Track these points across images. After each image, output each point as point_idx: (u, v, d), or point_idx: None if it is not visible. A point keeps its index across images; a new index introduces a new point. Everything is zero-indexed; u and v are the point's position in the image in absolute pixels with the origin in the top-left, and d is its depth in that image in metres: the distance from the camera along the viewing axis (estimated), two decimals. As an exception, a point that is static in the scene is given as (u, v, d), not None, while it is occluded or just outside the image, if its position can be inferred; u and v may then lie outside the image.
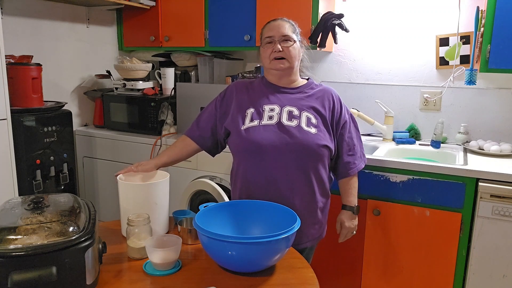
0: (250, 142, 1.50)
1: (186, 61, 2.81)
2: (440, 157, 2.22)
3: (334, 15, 2.25)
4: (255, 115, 1.54)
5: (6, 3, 2.29)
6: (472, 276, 1.88)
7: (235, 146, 1.57)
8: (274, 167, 1.50)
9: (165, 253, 1.17)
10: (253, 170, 1.53)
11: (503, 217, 1.78)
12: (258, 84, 1.64)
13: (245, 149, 1.53)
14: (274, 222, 1.29)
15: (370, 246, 2.06)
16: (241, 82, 1.68)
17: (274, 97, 1.57)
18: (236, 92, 1.62)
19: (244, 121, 1.54)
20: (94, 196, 2.79)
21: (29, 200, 1.13)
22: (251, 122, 1.53)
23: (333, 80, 2.65)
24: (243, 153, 1.55)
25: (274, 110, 1.54)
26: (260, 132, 1.50)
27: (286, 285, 1.13)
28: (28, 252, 0.93)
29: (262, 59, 1.58)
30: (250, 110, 1.55)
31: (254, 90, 1.61)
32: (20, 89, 2.14)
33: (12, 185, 1.93)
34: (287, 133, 1.49)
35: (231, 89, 1.65)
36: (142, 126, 2.62)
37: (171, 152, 1.65)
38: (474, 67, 2.18)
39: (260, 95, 1.59)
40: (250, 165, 1.54)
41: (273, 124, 1.51)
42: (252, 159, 1.52)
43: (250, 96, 1.59)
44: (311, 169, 1.53)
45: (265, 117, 1.53)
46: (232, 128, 1.56)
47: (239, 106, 1.58)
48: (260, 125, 1.52)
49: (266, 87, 1.61)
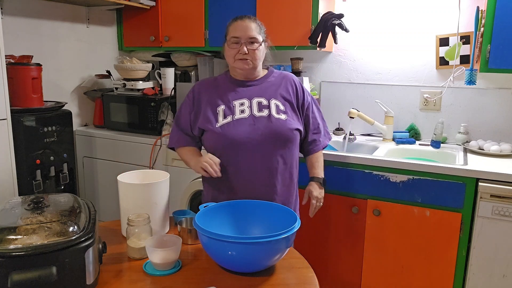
0: (226, 138, 1.54)
1: (186, 61, 2.81)
2: (440, 157, 2.22)
3: (334, 15, 2.25)
4: (227, 111, 1.58)
5: (6, 3, 2.29)
6: (472, 276, 1.88)
7: (211, 144, 1.59)
8: (253, 158, 1.55)
9: (165, 253, 1.17)
10: (233, 165, 1.56)
11: (503, 217, 1.78)
12: (223, 80, 1.67)
13: (222, 146, 1.55)
14: (274, 222, 1.29)
15: (370, 246, 2.06)
16: (205, 81, 1.70)
17: (241, 91, 1.62)
18: (203, 91, 1.64)
19: (217, 118, 1.57)
20: (94, 196, 2.79)
21: (29, 200, 1.13)
22: (224, 119, 1.56)
23: (333, 80, 2.65)
24: (221, 150, 1.56)
25: (244, 104, 1.59)
26: (235, 127, 1.54)
27: (286, 285, 1.13)
28: (28, 252, 0.93)
29: (227, 57, 1.61)
30: (220, 107, 1.59)
31: (221, 87, 1.64)
32: (20, 89, 2.14)
33: (12, 185, 1.93)
34: (261, 124, 1.55)
35: (197, 90, 1.66)
36: (142, 126, 2.62)
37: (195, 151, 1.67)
38: (474, 67, 2.18)
39: (227, 91, 1.62)
40: (230, 160, 1.56)
41: (246, 117, 1.56)
42: (231, 155, 1.55)
43: (218, 93, 1.62)
44: (287, 153, 1.60)
45: (236, 111, 1.57)
46: (206, 127, 1.58)
47: (209, 104, 1.61)
48: (233, 120, 1.56)
49: (232, 82, 1.65)
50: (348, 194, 2.06)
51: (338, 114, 2.62)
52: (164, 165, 2.48)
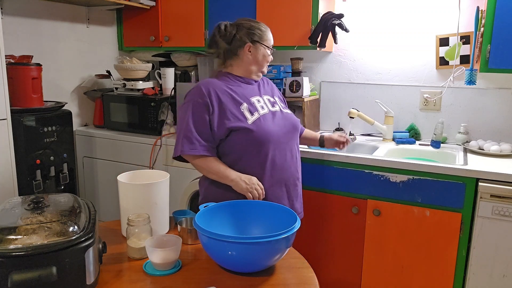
0: (261, 134, 1.57)
1: (186, 61, 2.81)
2: (440, 157, 2.22)
3: (334, 15, 2.25)
4: (251, 108, 1.60)
5: (6, 3, 2.29)
6: (472, 276, 1.88)
7: (243, 142, 1.56)
8: (284, 151, 1.64)
9: (165, 253, 1.17)
10: (265, 161, 1.59)
11: (503, 217, 1.78)
12: (230, 80, 1.66)
13: (257, 142, 1.57)
14: (274, 222, 1.29)
15: (370, 246, 2.06)
16: (212, 82, 1.63)
17: (251, 89, 1.67)
18: (219, 92, 1.59)
19: (245, 116, 1.58)
20: (94, 196, 2.79)
21: (29, 200, 1.13)
22: (252, 116, 1.59)
23: (333, 80, 2.65)
24: (253, 147, 1.57)
25: (260, 101, 1.65)
26: (265, 122, 1.60)
27: (286, 285, 1.13)
28: (28, 252, 0.93)
29: (255, 59, 1.66)
30: (244, 105, 1.60)
31: (233, 86, 1.64)
32: (20, 89, 2.14)
33: (12, 185, 1.93)
34: (279, 118, 1.65)
35: (212, 92, 1.58)
36: (142, 126, 2.62)
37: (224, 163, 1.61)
38: (474, 67, 2.18)
39: (240, 89, 1.64)
40: (262, 156, 1.58)
41: (267, 113, 1.63)
42: (264, 150, 1.58)
43: (234, 92, 1.62)
44: (298, 143, 1.76)
45: (258, 108, 1.62)
46: (238, 126, 1.55)
47: (231, 103, 1.58)
48: (260, 116, 1.60)
49: (239, 81, 1.67)
50: (348, 194, 2.06)
51: (338, 114, 2.63)
52: (164, 165, 2.48)
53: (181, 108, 1.62)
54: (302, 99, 2.41)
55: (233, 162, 1.59)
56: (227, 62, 1.68)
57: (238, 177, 1.54)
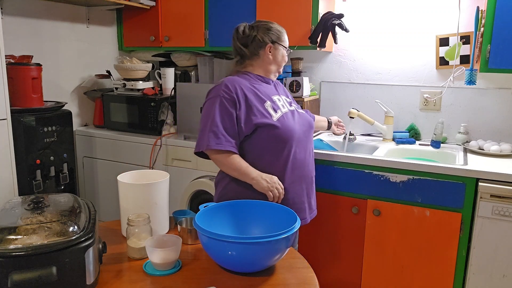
0: (286, 131, 1.61)
1: (186, 61, 2.81)
2: (440, 157, 2.22)
3: (334, 15, 2.25)
4: (274, 106, 1.65)
5: (6, 3, 2.29)
6: (472, 276, 1.88)
7: (268, 138, 1.59)
8: (305, 149, 1.70)
9: (165, 253, 1.17)
10: (287, 159, 1.63)
11: (503, 217, 1.78)
12: (251, 79, 1.69)
13: (282, 139, 1.60)
14: (274, 222, 1.29)
15: (370, 246, 2.06)
16: (236, 79, 1.64)
17: (270, 88, 1.72)
18: (244, 89, 1.62)
19: (270, 113, 1.61)
20: (94, 196, 2.79)
21: (29, 200, 1.13)
22: (276, 113, 1.63)
23: (333, 80, 2.65)
24: (277, 144, 1.60)
25: (280, 100, 1.70)
26: (288, 120, 1.64)
27: (286, 285, 1.13)
28: (28, 252, 0.93)
29: (275, 59, 1.71)
30: (267, 103, 1.64)
31: (255, 84, 1.67)
32: (20, 89, 2.14)
33: (12, 185, 1.93)
34: (297, 117, 1.70)
35: (238, 88, 1.60)
36: (142, 126, 2.62)
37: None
38: (474, 67, 2.18)
39: (262, 88, 1.68)
40: (284, 153, 1.62)
41: (287, 111, 1.68)
42: (287, 148, 1.62)
43: (258, 90, 1.65)
44: (312, 141, 1.81)
45: (280, 106, 1.67)
46: (265, 122, 1.58)
47: (256, 100, 1.62)
48: (283, 114, 1.65)
49: (260, 80, 1.71)
50: (348, 194, 2.06)
51: (338, 114, 2.62)
52: (164, 165, 2.48)
53: (207, 104, 1.62)
54: (302, 99, 2.41)
55: (255, 159, 1.61)
56: (246, 62, 1.72)
57: (259, 176, 1.57)
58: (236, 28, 1.72)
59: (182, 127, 2.48)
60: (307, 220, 1.73)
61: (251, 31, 1.69)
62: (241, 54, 1.71)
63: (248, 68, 1.72)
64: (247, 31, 1.69)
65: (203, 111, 1.63)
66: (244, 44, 1.69)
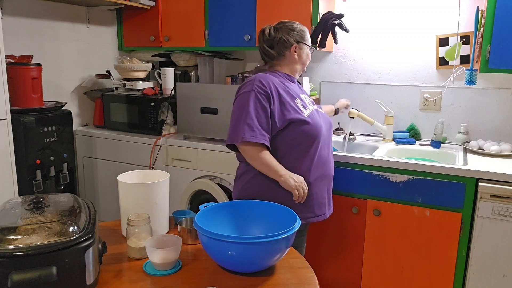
0: (316, 128, 1.66)
1: (186, 61, 2.81)
2: (440, 157, 2.22)
3: (334, 15, 2.25)
4: (303, 104, 1.71)
5: (6, 3, 2.29)
6: (472, 276, 1.88)
7: (299, 134, 1.63)
8: (328, 148, 1.77)
9: (165, 253, 1.17)
10: (313, 157, 1.68)
11: (503, 217, 1.78)
12: (280, 77, 1.74)
13: (311, 135, 1.65)
14: (274, 222, 1.29)
15: (370, 246, 2.06)
16: (270, 76, 1.69)
17: (295, 87, 1.77)
18: (277, 85, 1.67)
19: (301, 110, 1.66)
20: (94, 196, 2.79)
21: (29, 200, 1.13)
22: (306, 110, 1.69)
23: (333, 80, 2.65)
24: (306, 141, 1.65)
25: (306, 99, 1.77)
26: (316, 118, 1.70)
27: (286, 285, 1.13)
28: (28, 252, 0.93)
29: (303, 58, 1.78)
30: (297, 100, 1.69)
31: (284, 82, 1.72)
32: (20, 89, 2.14)
33: (12, 185, 1.93)
34: (320, 116, 1.75)
35: (272, 84, 1.65)
36: (142, 126, 2.62)
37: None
38: (474, 67, 2.18)
39: (290, 86, 1.73)
40: (313, 151, 1.66)
41: (313, 110, 1.73)
42: (314, 146, 1.67)
43: (288, 88, 1.70)
44: None
45: (307, 104, 1.73)
46: (297, 118, 1.63)
47: (288, 97, 1.67)
48: (312, 112, 1.71)
49: (288, 79, 1.76)
50: (348, 194, 2.06)
51: (338, 114, 2.62)
52: (164, 165, 2.48)
53: (240, 98, 1.65)
54: (302, 99, 2.41)
55: (285, 154, 1.65)
56: (273, 63, 1.77)
57: (287, 174, 1.61)
58: (261, 31, 1.76)
59: (182, 127, 2.48)
60: (326, 215, 1.78)
61: (276, 33, 1.73)
62: (268, 55, 1.76)
63: (275, 68, 1.78)
64: (272, 33, 1.74)
65: (235, 105, 1.67)
66: (270, 46, 1.74)
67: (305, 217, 1.69)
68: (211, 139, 2.42)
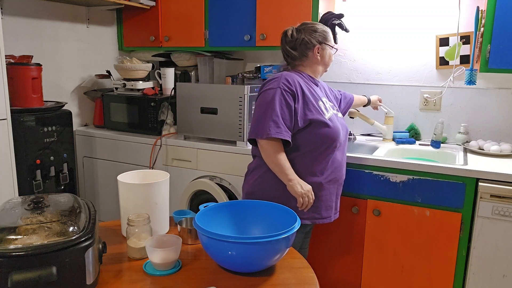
0: (335, 131, 1.66)
1: (186, 61, 2.81)
2: (440, 157, 2.22)
3: (334, 15, 2.25)
4: (325, 106, 1.72)
5: (6, 3, 2.29)
6: (472, 276, 1.88)
7: (318, 135, 1.64)
8: (343, 152, 1.79)
9: (165, 253, 1.17)
10: (329, 160, 1.69)
11: (503, 217, 1.78)
12: (304, 77, 1.74)
13: (330, 138, 1.65)
14: (274, 222, 1.29)
15: (370, 246, 2.06)
16: (295, 75, 1.70)
17: (318, 90, 1.77)
18: (302, 85, 1.68)
19: (323, 112, 1.67)
20: (94, 196, 2.79)
21: (29, 200, 1.13)
22: (327, 113, 1.70)
23: (333, 80, 2.65)
24: (324, 143, 1.65)
25: (327, 102, 1.77)
26: (335, 121, 1.71)
27: (286, 285, 1.13)
28: (28, 252, 0.93)
29: (325, 59, 1.79)
30: (319, 102, 1.71)
31: (308, 84, 1.72)
32: (20, 89, 2.15)
33: (12, 185, 1.93)
34: (339, 121, 1.76)
35: (297, 83, 1.67)
36: (142, 126, 2.62)
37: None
38: (474, 67, 2.18)
39: (313, 87, 1.74)
40: (330, 154, 1.68)
41: (333, 114, 1.74)
42: (331, 149, 1.68)
43: (312, 89, 1.71)
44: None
45: (328, 107, 1.74)
46: (319, 119, 1.64)
47: (311, 98, 1.68)
48: (332, 115, 1.72)
49: (311, 81, 1.77)
50: (348, 194, 2.06)
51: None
52: (164, 165, 2.48)
53: (265, 94, 1.66)
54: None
55: (303, 154, 1.66)
56: (295, 63, 1.78)
57: (296, 180, 1.61)
58: (284, 32, 1.77)
59: (182, 127, 2.48)
60: (331, 218, 1.79)
61: (298, 34, 1.74)
62: (291, 56, 1.77)
63: (299, 68, 1.78)
64: (294, 34, 1.75)
65: (259, 100, 1.68)
66: (293, 47, 1.75)
67: (312, 217, 1.70)
68: (211, 139, 2.42)
